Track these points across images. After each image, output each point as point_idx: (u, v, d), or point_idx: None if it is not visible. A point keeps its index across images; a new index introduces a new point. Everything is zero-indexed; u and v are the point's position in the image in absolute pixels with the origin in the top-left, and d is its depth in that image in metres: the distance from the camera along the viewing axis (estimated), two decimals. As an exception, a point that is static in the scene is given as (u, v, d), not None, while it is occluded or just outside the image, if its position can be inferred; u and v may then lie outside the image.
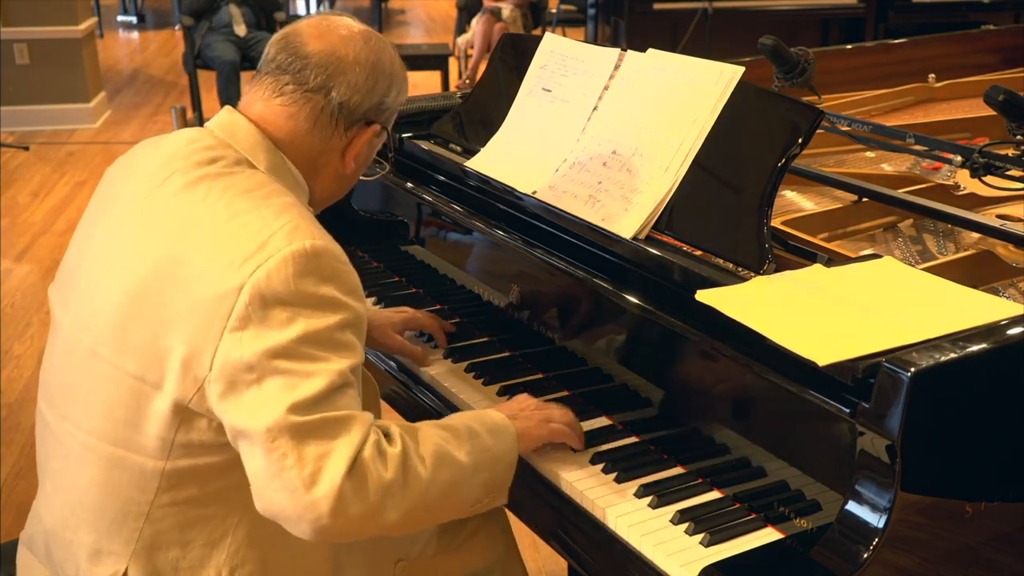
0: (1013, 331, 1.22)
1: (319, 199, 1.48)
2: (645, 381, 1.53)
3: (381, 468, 1.22)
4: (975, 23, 6.00)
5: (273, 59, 1.41)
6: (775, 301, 1.32)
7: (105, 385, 1.31)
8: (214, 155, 1.36)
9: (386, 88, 1.44)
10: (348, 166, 1.45)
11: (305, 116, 1.39)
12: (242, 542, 1.33)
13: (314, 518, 1.18)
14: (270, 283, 1.21)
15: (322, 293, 1.24)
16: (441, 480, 1.29)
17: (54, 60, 6.56)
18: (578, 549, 1.40)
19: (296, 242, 1.24)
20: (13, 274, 4.44)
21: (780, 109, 1.55)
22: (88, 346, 1.33)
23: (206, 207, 1.29)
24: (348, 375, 1.24)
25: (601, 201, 1.61)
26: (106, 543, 1.34)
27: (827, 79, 2.38)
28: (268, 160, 1.38)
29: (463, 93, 2.22)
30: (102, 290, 1.33)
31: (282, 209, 1.29)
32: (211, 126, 1.42)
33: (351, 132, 1.42)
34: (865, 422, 1.16)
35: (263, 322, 1.21)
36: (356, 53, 1.41)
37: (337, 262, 1.28)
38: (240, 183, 1.32)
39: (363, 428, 1.22)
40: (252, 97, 1.42)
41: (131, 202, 1.36)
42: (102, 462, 1.32)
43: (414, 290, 2.07)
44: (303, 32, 1.41)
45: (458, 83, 7.74)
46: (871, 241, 1.83)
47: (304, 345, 1.21)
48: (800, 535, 1.29)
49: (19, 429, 3.19)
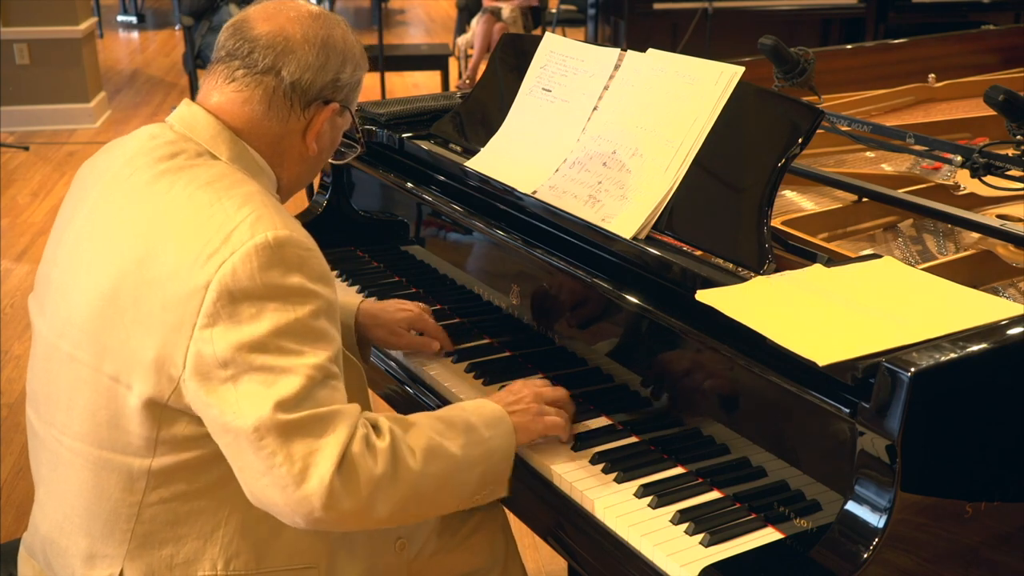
0: (1013, 331, 1.22)
1: (287, 184, 1.46)
2: (645, 381, 1.53)
3: (370, 462, 1.22)
4: (975, 23, 6.02)
5: (223, 46, 1.40)
6: (775, 301, 1.32)
7: (85, 389, 1.31)
8: (175, 149, 1.35)
9: (339, 64, 1.42)
10: (311, 147, 1.44)
11: (259, 99, 1.38)
12: (235, 533, 1.33)
13: (306, 512, 1.19)
14: (236, 278, 1.21)
15: (290, 284, 1.23)
16: (433, 473, 1.29)
17: (54, 60, 6.56)
18: (578, 549, 1.40)
19: (259, 234, 1.23)
20: (13, 274, 4.44)
21: (780, 109, 1.55)
22: (66, 351, 1.33)
23: (169, 202, 1.29)
24: (328, 367, 1.24)
25: (601, 201, 1.61)
26: (100, 546, 1.34)
27: (827, 79, 2.38)
28: (229, 150, 1.37)
29: (463, 93, 2.22)
30: (75, 295, 1.32)
31: (244, 200, 1.28)
32: (171, 120, 1.41)
33: (308, 112, 1.41)
34: (865, 422, 1.16)
35: (232, 317, 1.20)
36: (304, 31, 1.39)
37: (302, 250, 1.26)
38: (201, 175, 1.31)
39: (350, 423, 1.22)
40: (208, 87, 1.42)
41: (97, 205, 1.36)
42: (89, 465, 1.32)
43: (414, 290, 2.07)
44: (251, 17, 1.41)
45: (458, 83, 7.74)
46: (871, 241, 1.83)
47: (277, 338, 1.21)
48: (800, 535, 1.29)
49: (19, 429, 3.19)
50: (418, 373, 1.78)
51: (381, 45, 6.27)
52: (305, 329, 1.23)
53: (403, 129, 2.12)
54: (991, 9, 6.77)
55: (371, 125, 2.16)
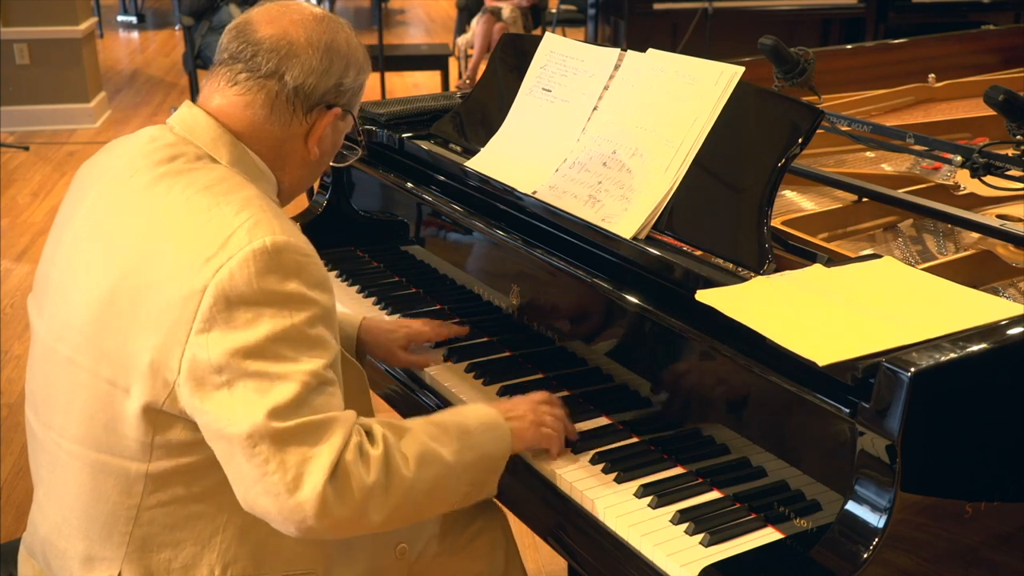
0: (1013, 331, 1.22)
1: (288, 188, 1.45)
2: (645, 381, 1.53)
3: (363, 471, 1.22)
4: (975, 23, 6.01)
5: (226, 48, 1.39)
6: (775, 301, 1.32)
7: (83, 392, 1.30)
8: (174, 152, 1.34)
9: (342, 69, 1.40)
10: (312, 152, 1.42)
11: (261, 103, 1.36)
12: (233, 539, 1.33)
13: (299, 520, 1.19)
14: (233, 283, 1.20)
15: (287, 290, 1.23)
16: (426, 479, 1.29)
17: (54, 60, 6.55)
18: (578, 549, 1.40)
19: (256, 239, 1.22)
20: (13, 274, 4.44)
21: (780, 109, 1.55)
22: (65, 354, 1.33)
23: (168, 206, 1.28)
24: (323, 373, 1.23)
25: (601, 201, 1.61)
26: (98, 549, 1.34)
27: (827, 79, 2.38)
28: (229, 153, 1.36)
29: (463, 93, 2.22)
30: (73, 297, 1.32)
31: (243, 204, 1.27)
32: (172, 122, 1.40)
33: (311, 116, 1.39)
34: (865, 422, 1.16)
35: (228, 323, 1.20)
36: (308, 35, 1.37)
37: (300, 255, 1.26)
38: (200, 179, 1.31)
39: (344, 431, 1.22)
40: (209, 90, 1.40)
41: (96, 206, 1.36)
42: (87, 468, 1.32)
43: (414, 290, 2.07)
44: (255, 19, 1.39)
45: (458, 83, 7.74)
46: (871, 241, 1.83)
47: (273, 344, 1.20)
48: (800, 535, 1.29)
49: (19, 429, 3.19)
50: (418, 373, 1.78)
51: (381, 45, 6.27)
52: (301, 336, 1.22)
53: (403, 129, 2.12)
54: (991, 9, 6.77)
55: (371, 125, 2.16)
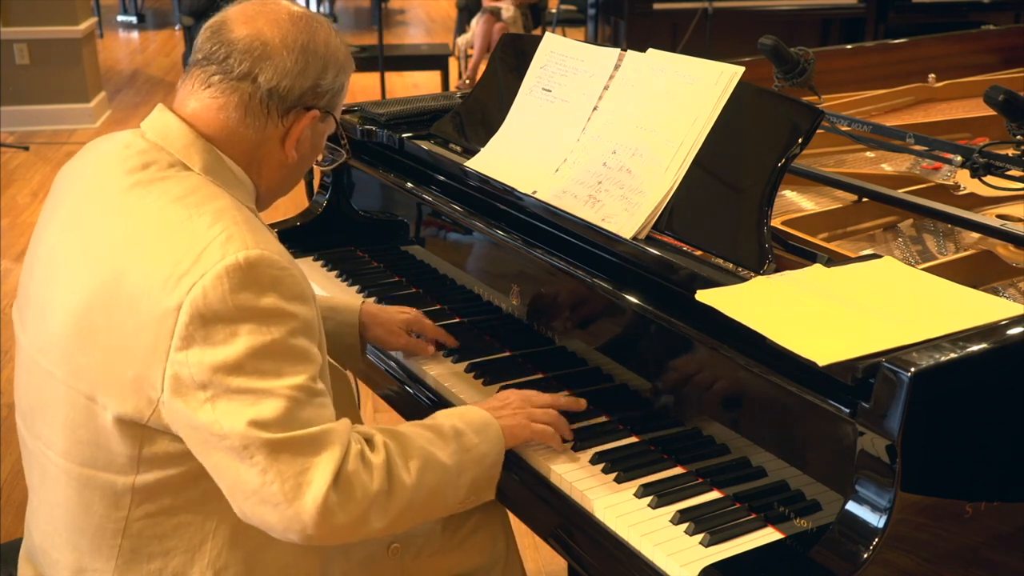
0: (1013, 331, 1.22)
1: (266, 192, 1.41)
2: (645, 381, 1.53)
3: (366, 479, 1.22)
4: (975, 23, 6.02)
5: (200, 48, 1.34)
6: (775, 301, 1.32)
7: (64, 406, 1.30)
8: (147, 159, 1.31)
9: (320, 70, 1.35)
10: (290, 155, 1.38)
11: (234, 106, 1.32)
12: (223, 545, 1.32)
13: (300, 528, 1.18)
14: (207, 301, 1.18)
15: (263, 305, 1.20)
16: (427, 484, 1.29)
17: (54, 60, 6.55)
18: (578, 549, 1.40)
19: (229, 255, 1.19)
20: (13, 274, 4.44)
21: (780, 109, 1.55)
22: (45, 367, 1.32)
23: (140, 218, 1.26)
24: (310, 386, 1.22)
25: (601, 201, 1.61)
26: (88, 560, 1.33)
27: (827, 79, 2.38)
28: (203, 160, 1.31)
29: (463, 93, 2.22)
30: (51, 311, 1.30)
31: (216, 216, 1.24)
32: (144, 127, 1.36)
33: (288, 119, 1.35)
34: (865, 422, 1.16)
35: (206, 340, 1.18)
36: (283, 35, 1.33)
37: (275, 269, 1.22)
38: (173, 189, 1.27)
39: (342, 440, 1.21)
40: (184, 92, 1.36)
41: (70, 216, 1.34)
42: (73, 483, 1.31)
43: (414, 290, 2.07)
44: (231, 18, 1.34)
45: (458, 83, 7.74)
46: (871, 241, 1.83)
47: (253, 360, 1.18)
48: (800, 535, 1.29)
49: (19, 429, 3.19)
50: (418, 373, 1.78)
51: (381, 45, 6.26)
52: (283, 349, 1.21)
53: (403, 129, 2.12)
54: (991, 9, 6.77)
55: (371, 125, 2.16)
